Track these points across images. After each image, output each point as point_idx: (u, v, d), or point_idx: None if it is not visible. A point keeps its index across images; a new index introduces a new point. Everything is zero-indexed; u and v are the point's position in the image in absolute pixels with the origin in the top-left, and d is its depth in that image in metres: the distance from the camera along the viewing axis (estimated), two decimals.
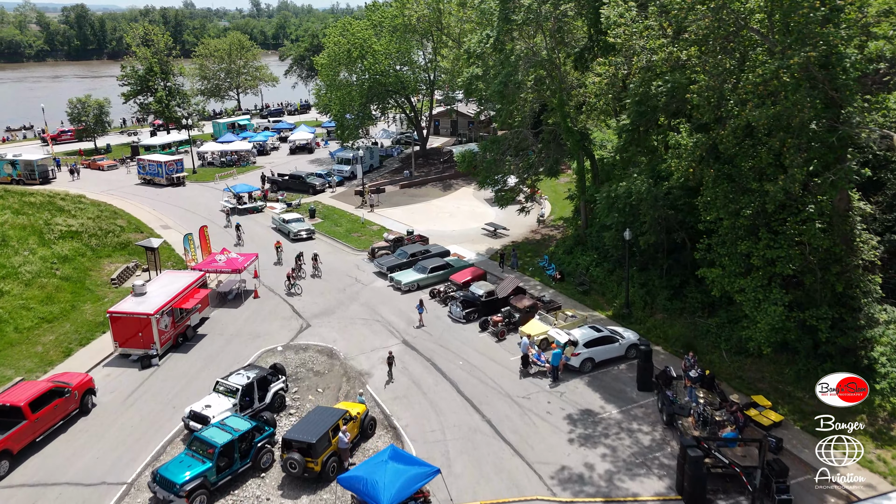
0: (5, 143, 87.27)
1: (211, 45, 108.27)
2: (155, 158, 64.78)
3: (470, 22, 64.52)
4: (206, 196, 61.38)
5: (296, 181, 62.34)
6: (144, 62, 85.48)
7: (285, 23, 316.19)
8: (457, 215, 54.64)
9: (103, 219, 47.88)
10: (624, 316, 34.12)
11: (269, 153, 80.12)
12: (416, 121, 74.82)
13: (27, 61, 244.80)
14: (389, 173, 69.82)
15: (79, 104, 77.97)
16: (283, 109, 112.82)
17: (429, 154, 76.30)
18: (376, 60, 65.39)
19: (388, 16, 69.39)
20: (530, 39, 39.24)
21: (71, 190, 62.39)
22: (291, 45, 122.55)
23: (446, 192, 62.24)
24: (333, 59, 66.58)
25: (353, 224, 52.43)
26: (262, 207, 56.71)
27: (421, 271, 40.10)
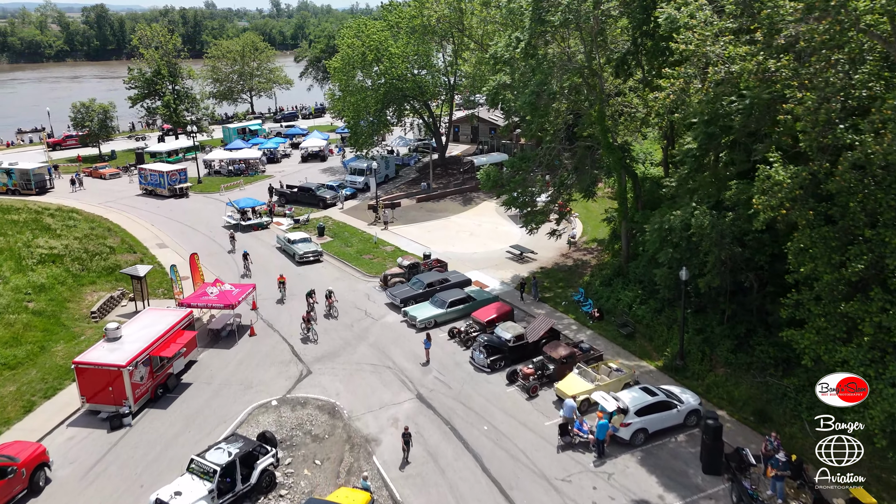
0: (9, 147, 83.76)
1: (223, 46, 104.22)
2: (157, 168, 60.54)
3: (493, 23, 59.45)
4: (210, 209, 56.92)
5: (305, 194, 57.68)
6: (152, 64, 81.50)
7: (304, 23, 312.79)
8: (478, 234, 49.56)
9: (92, 238, 43.50)
10: (677, 369, 28.89)
11: (279, 161, 75.65)
12: (435, 127, 69.88)
13: (47, 61, 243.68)
14: (406, 184, 64.93)
15: (83, 108, 74.06)
16: (297, 113, 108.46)
17: (448, 163, 71.32)
18: (393, 64, 60.52)
19: (405, 16, 64.48)
20: (563, 42, 34.10)
21: (67, 202, 58.34)
22: (307, 47, 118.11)
23: (466, 206, 57.20)
24: (347, 63, 61.82)
25: (366, 244, 47.59)
26: (267, 223, 52.09)
27: (439, 305, 35.12)
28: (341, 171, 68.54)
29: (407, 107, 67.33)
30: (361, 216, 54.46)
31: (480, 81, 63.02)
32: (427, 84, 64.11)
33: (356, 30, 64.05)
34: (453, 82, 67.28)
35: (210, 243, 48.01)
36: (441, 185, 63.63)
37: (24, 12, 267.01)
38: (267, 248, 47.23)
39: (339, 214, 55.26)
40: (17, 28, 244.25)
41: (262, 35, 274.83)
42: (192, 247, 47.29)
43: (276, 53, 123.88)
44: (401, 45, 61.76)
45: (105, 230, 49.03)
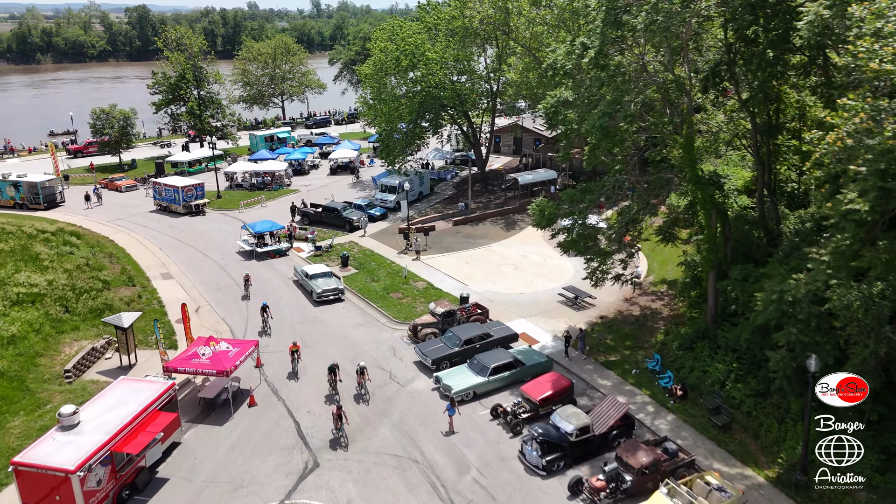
0: (31, 153, 79.94)
1: (254, 48, 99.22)
2: (171, 183, 55.20)
3: (544, 24, 52.43)
4: (226, 230, 51.23)
5: (330, 215, 51.54)
6: (177, 67, 76.69)
7: (343, 23, 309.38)
8: (524, 268, 42.63)
9: (84, 270, 37.98)
10: (798, 485, 21.63)
11: (307, 173, 69.86)
12: (474, 139, 63.09)
13: (89, 61, 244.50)
14: (441, 203, 58.29)
15: (102, 115, 69.45)
16: (329, 119, 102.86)
17: (488, 178, 64.49)
18: (430, 70, 53.96)
19: (444, 17, 57.87)
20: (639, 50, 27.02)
21: (75, 219, 53.38)
22: (341, 49, 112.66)
23: (509, 231, 50.28)
24: (379, 69, 55.47)
25: (394, 278, 41.12)
26: (286, 250, 46.10)
27: (479, 371, 28.42)
28: (372, 187, 62.39)
29: (444, 116, 60.74)
30: (391, 242, 48.03)
31: (526, 89, 56.17)
32: (467, 92, 57.38)
33: (390, 32, 57.67)
34: (496, 89, 60.41)
35: (220, 274, 42.19)
36: (481, 204, 56.85)
37: (68, 12, 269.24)
38: (282, 281, 41.15)
39: (367, 239, 48.93)
40: (62, 28, 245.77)
41: (300, 35, 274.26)
42: (199, 277, 41.61)
43: (309, 56, 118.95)
44: (439, 48, 55.15)
45: (106, 256, 43.66)
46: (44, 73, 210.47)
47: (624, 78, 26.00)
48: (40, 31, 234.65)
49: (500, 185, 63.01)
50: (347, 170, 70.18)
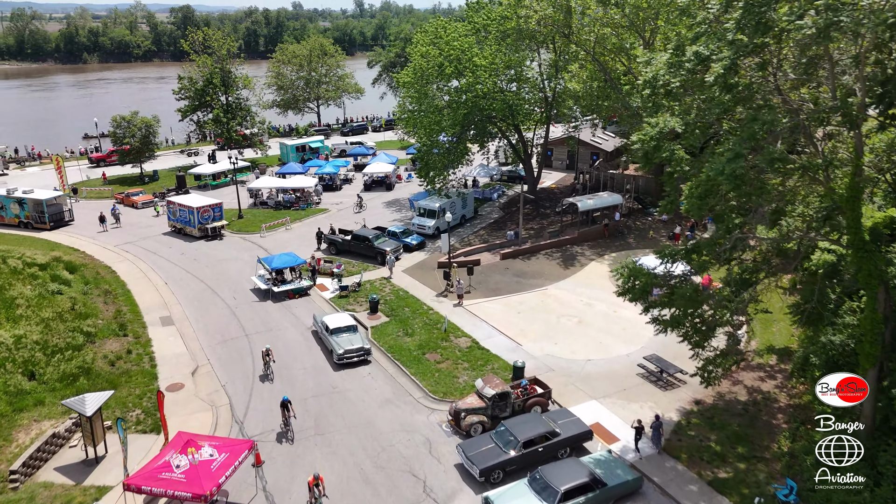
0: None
1: (288, 50, 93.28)
2: (186, 203, 49.05)
3: (614, 26, 44.44)
4: (243, 259, 44.79)
5: (360, 244, 44.60)
6: (204, 71, 71.11)
7: (385, 23, 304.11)
8: (589, 322, 34.85)
9: (65, 320, 31.73)
10: None
11: (339, 188, 63.21)
12: (525, 153, 55.36)
13: (134, 61, 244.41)
14: (487, 229, 50.74)
15: (123, 122, 64.13)
16: (366, 125, 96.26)
17: (540, 198, 56.73)
18: (478, 78, 46.53)
19: (495, 18, 50.30)
20: (787, 65, 19.10)
21: (79, 243, 47.76)
22: (380, 51, 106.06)
23: (568, 268, 42.48)
24: (420, 76, 48.17)
25: (432, 331, 33.83)
26: (307, 288, 39.30)
27: (546, 497, 20.88)
28: (408, 205, 55.30)
29: (492, 129, 53.17)
30: (429, 279, 40.79)
31: (588, 100, 48.23)
32: (519, 104, 49.68)
33: (433, 35, 50.32)
34: (551, 99, 52.54)
35: (228, 321, 35.58)
36: (532, 231, 49.15)
37: (115, 13, 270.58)
38: (299, 331, 34.30)
39: (401, 275, 41.77)
40: (108, 28, 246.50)
41: (342, 36, 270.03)
42: (204, 324, 35.10)
43: (349, 57, 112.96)
44: (488, 53, 47.59)
45: (102, 293, 37.55)
46: (89, 73, 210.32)
47: (764, 103, 18.07)
48: (87, 31, 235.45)
49: (553, 207, 55.19)
50: (383, 185, 63.32)
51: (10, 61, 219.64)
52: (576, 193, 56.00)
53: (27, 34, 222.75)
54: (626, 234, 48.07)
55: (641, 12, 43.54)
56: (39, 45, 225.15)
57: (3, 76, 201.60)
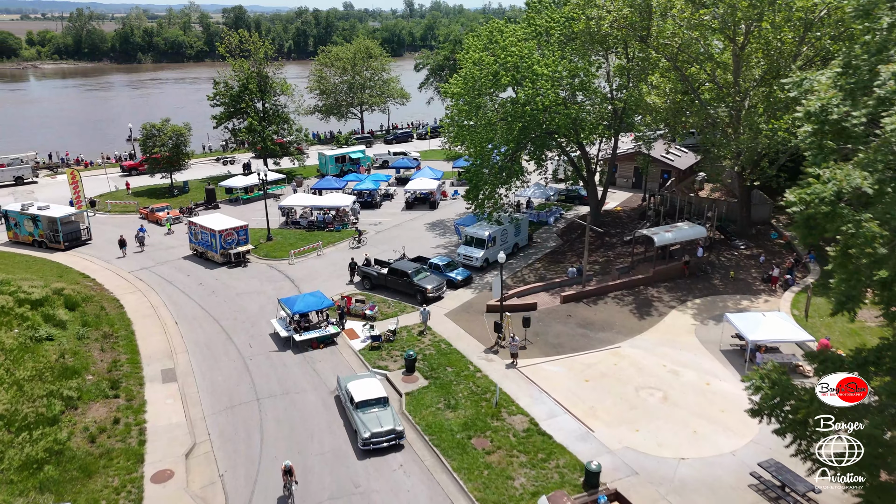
0: (87, 168, 72.00)
1: (332, 53, 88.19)
2: (208, 225, 43.91)
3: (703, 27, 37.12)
4: (266, 293, 39.28)
5: (397, 279, 38.53)
6: (240, 77, 66.43)
7: (435, 23, 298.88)
8: (677, 399, 27.79)
9: (44, 379, 26.59)
10: None
11: (378, 205, 57.40)
12: (589, 172, 48.35)
13: (187, 61, 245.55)
14: (544, 262, 43.93)
15: (153, 130, 59.83)
16: (411, 132, 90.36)
17: (604, 222, 49.62)
18: (538, 90, 39.84)
19: (559, 20, 43.45)
20: None
21: (93, 266, 43.20)
22: (428, 53, 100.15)
23: (643, 318, 35.37)
24: (471, 87, 41.65)
25: (480, 404, 27.42)
26: (334, 336, 33.40)
27: None
28: (452, 230, 49.05)
29: (551, 145, 46.33)
30: (476, 327, 34.40)
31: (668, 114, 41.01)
32: (585, 118, 42.76)
33: (486, 39, 43.72)
34: (621, 112, 45.33)
35: (239, 378, 29.94)
36: (597, 266, 42.17)
37: (170, 13, 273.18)
38: (319, 396, 28.39)
39: (442, 318, 35.51)
40: (163, 29, 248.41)
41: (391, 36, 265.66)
42: (211, 382, 29.60)
43: (397, 59, 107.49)
44: (551, 61, 40.78)
45: (101, 337, 32.52)
46: (142, 73, 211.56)
47: None
48: (142, 32, 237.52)
49: (619, 233, 48.05)
50: (426, 203, 57.19)
51: (67, 60, 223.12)
52: (646, 220, 48.66)
53: (84, 34, 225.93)
54: (709, 273, 40.62)
55: (739, 12, 36.04)
56: (96, 45, 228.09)
57: (60, 75, 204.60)
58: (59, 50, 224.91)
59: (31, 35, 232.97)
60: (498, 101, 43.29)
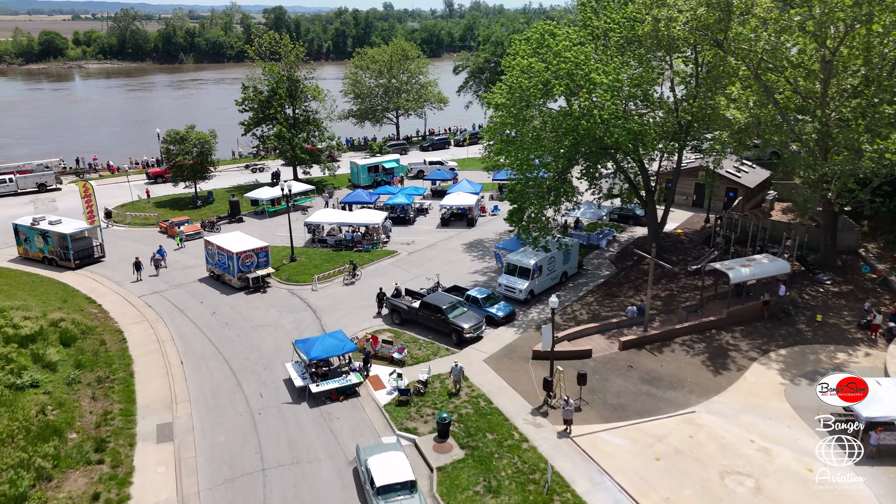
0: (113, 174, 69.22)
1: (367, 55, 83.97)
2: (225, 246, 39.85)
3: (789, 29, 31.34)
4: (285, 327, 34.95)
5: (430, 315, 33.71)
6: (270, 81, 62.66)
7: (474, 24, 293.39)
8: (772, 489, 22.18)
9: (16, 443, 22.61)
10: None
11: (412, 221, 52.74)
12: (648, 192, 42.76)
13: (227, 62, 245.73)
14: (596, 294, 38.54)
15: (177, 137, 56.37)
16: (448, 139, 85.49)
17: (665, 247, 43.94)
18: (596, 100, 34.53)
19: (620, 21, 37.99)
20: None
21: (102, 289, 39.61)
22: (468, 55, 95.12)
23: (720, 372, 29.77)
24: (519, 98, 36.46)
25: (526, 488, 22.39)
26: (356, 385, 28.77)
27: None
28: (491, 246, 44.08)
29: (605, 162, 40.92)
30: (521, 379, 29.36)
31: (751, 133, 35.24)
32: (648, 132, 37.23)
33: (536, 43, 38.47)
34: (686, 124, 39.55)
35: (245, 439, 25.52)
36: (659, 300, 36.62)
37: (213, 14, 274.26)
38: (334, 468, 23.76)
39: (481, 364, 30.63)
40: (205, 29, 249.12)
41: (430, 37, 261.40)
42: (212, 444, 25.30)
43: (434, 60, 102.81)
44: (611, 68, 35.37)
45: (95, 381, 28.59)
46: (183, 73, 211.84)
47: None
48: (184, 32, 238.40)
49: (682, 260, 42.38)
50: (463, 220, 52.30)
51: (111, 60, 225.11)
52: (713, 248, 42.84)
53: (128, 34, 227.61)
54: (792, 315, 34.75)
55: (840, 13, 30.12)
56: (139, 45, 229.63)
57: (104, 75, 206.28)
58: (104, 50, 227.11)
59: (77, 35, 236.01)
60: (546, 112, 38.07)
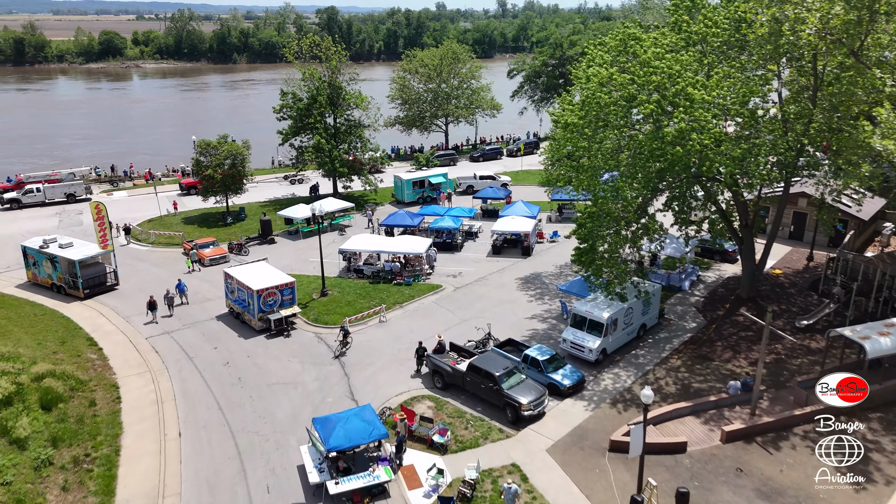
0: (147, 182, 65.25)
1: (416, 58, 78.02)
2: (245, 281, 34.28)
3: None
4: (307, 385, 29.13)
5: (479, 382, 27.25)
6: (310, 87, 57.44)
7: (528, 24, 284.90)
8: None
9: None
10: None
11: (459, 247, 46.38)
12: (745, 226, 35.19)
13: (279, 62, 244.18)
14: (683, 356, 31.27)
15: (209, 148, 51.61)
16: (500, 149, 78.69)
17: (764, 293, 36.27)
18: (694, 122, 27.30)
19: (721, 23, 30.56)
20: None
21: (109, 326, 34.73)
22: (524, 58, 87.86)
23: (862, 488, 22.28)
24: (597, 116, 29.50)
25: None
26: (385, 483, 22.55)
27: None
28: (553, 289, 37.32)
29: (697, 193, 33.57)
30: (595, 482, 22.58)
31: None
32: (755, 156, 29.68)
33: (617, 48, 31.33)
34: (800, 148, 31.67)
35: None
36: (765, 368, 29.04)
37: (267, 14, 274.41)
38: None
39: (544, 459, 24.01)
40: (259, 30, 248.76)
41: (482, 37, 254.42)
42: None
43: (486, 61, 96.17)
44: (713, 82, 28.05)
45: (70, 462, 23.30)
46: (237, 74, 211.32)
47: None
48: (239, 32, 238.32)
49: (786, 312, 34.65)
50: (517, 247, 45.63)
51: (168, 60, 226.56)
52: (829, 300, 34.89)
53: (185, 34, 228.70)
54: None
55: None
56: (195, 45, 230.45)
57: (160, 75, 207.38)
58: (161, 50, 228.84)
59: (136, 35, 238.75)
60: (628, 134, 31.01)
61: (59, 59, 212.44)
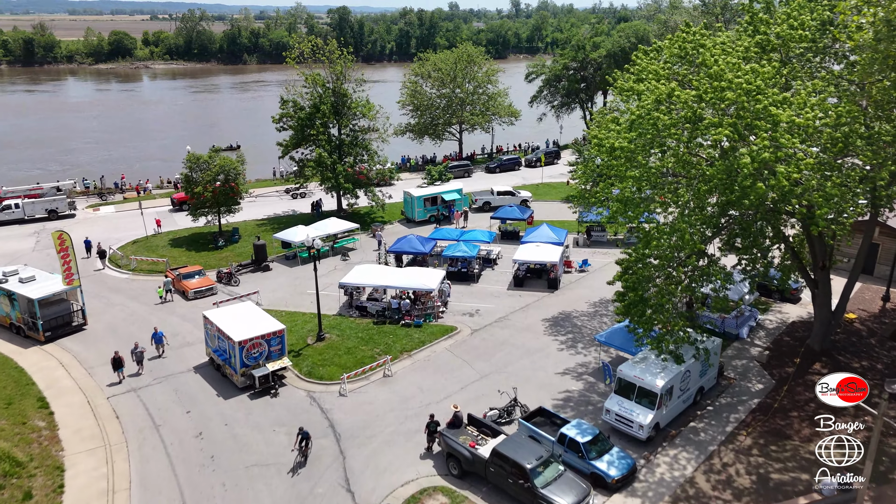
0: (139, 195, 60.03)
1: (429, 62, 72.34)
2: (226, 331, 28.73)
3: None
4: (293, 466, 23.54)
5: (505, 474, 21.51)
6: (313, 93, 52.05)
7: (542, 24, 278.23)
8: None
9: None
10: None
11: (476, 278, 40.63)
12: (820, 264, 29.23)
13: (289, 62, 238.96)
14: (753, 430, 25.33)
15: (200, 163, 46.28)
16: (518, 158, 72.69)
17: (841, 344, 30.27)
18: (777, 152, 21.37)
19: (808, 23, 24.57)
20: None
21: (68, 380, 29.34)
22: (543, 60, 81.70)
23: None
24: (650, 140, 23.66)
25: None
26: None
27: None
28: (590, 340, 31.50)
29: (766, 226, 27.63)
30: None
31: None
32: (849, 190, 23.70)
33: (674, 54, 25.35)
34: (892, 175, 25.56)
35: None
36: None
37: (278, 15, 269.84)
38: None
39: None
40: (270, 30, 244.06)
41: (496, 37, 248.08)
42: None
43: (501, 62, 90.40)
44: (801, 99, 22.13)
45: None
46: (247, 74, 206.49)
47: None
48: (249, 33, 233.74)
49: (870, 371, 28.58)
50: (543, 278, 39.82)
51: (177, 60, 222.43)
52: None
53: (195, 35, 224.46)
54: None
55: None
56: (205, 46, 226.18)
57: (170, 75, 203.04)
58: (171, 50, 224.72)
59: (146, 35, 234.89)
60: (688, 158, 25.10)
61: (68, 60, 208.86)
